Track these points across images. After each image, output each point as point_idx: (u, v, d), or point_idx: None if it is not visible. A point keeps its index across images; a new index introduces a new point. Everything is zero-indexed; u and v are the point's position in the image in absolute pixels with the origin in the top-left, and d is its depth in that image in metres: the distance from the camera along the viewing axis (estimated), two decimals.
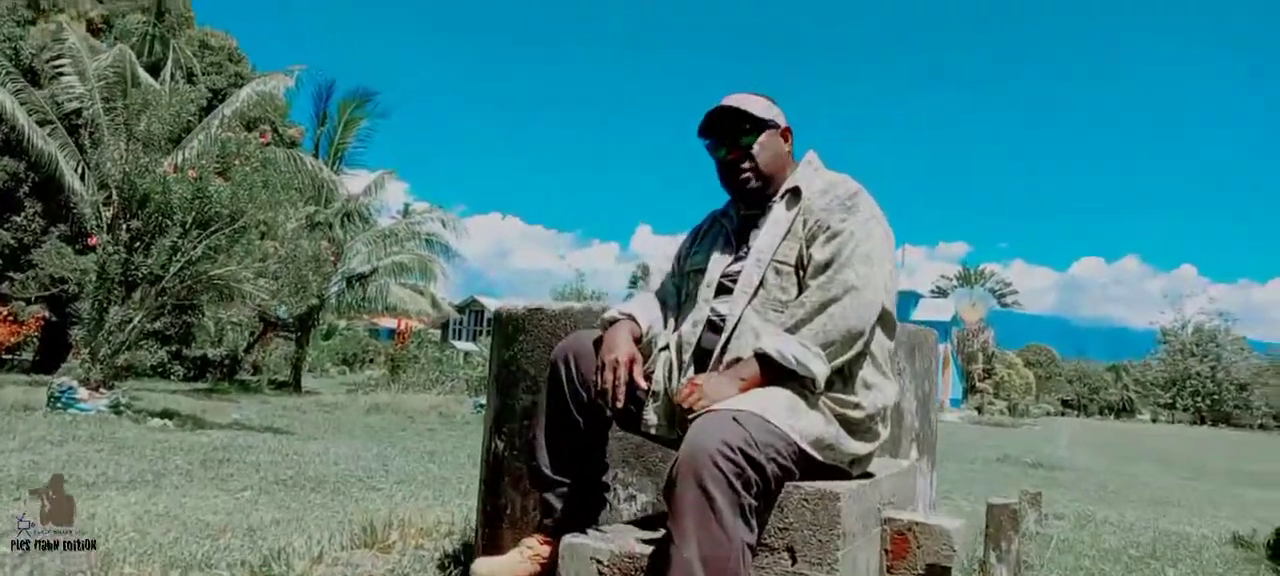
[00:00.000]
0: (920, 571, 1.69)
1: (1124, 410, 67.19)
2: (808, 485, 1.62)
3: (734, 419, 1.60)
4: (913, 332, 2.73)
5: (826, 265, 1.84)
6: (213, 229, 9.92)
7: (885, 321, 1.95)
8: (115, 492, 5.01)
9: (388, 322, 34.78)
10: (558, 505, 1.89)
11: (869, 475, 1.90)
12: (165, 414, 10.48)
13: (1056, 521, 6.82)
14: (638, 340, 1.92)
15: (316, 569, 3.01)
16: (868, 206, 1.94)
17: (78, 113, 15.06)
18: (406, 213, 30.29)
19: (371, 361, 34.89)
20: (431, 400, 16.42)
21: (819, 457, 1.73)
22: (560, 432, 1.91)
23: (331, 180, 18.96)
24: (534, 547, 1.84)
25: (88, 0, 20.37)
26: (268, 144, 11.91)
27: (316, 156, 20.58)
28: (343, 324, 35.82)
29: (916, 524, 1.72)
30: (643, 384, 1.81)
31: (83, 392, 9.62)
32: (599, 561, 1.66)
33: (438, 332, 46.07)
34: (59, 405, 9.41)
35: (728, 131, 2.02)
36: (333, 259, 16.60)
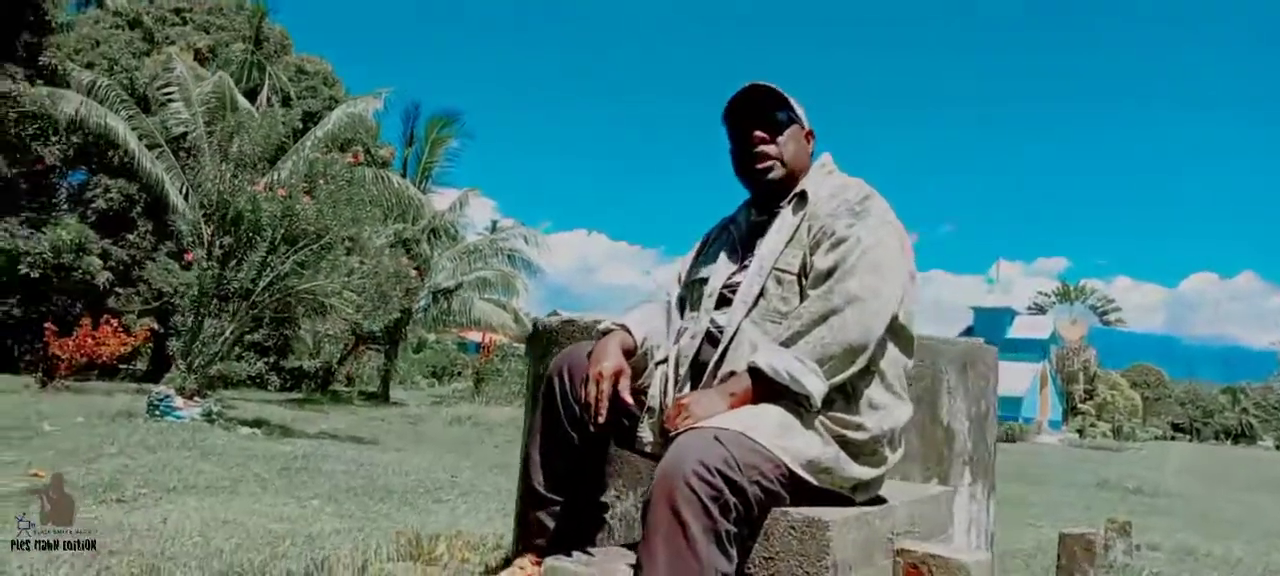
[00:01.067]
0: None
1: (1242, 435, 63.02)
2: (796, 511, 1.52)
3: (715, 437, 1.50)
4: (966, 348, 2.58)
5: (829, 273, 1.71)
6: (300, 245, 10.30)
7: (899, 337, 1.82)
8: (191, 498, 5.21)
9: (474, 337, 35.48)
10: (550, 525, 1.82)
11: (879, 500, 1.79)
12: (256, 423, 10.90)
13: (1151, 553, 6.41)
14: (631, 352, 1.82)
15: None
16: (879, 211, 1.80)
17: (184, 137, 15.94)
18: (494, 229, 30.91)
19: (459, 374, 35.64)
20: (511, 413, 16.64)
21: (813, 481, 1.61)
22: (554, 449, 1.82)
23: (418, 198, 19.50)
24: (526, 568, 1.78)
25: (196, 32, 21.54)
26: (355, 164, 12.31)
27: (404, 176, 21.21)
28: (432, 338, 36.72)
29: (931, 556, 1.60)
30: (628, 399, 1.71)
31: (179, 401, 10.08)
32: None
33: (521, 347, 46.75)
34: (157, 413, 9.88)
35: (759, 114, 1.89)
36: (416, 274, 17.03)
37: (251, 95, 17.20)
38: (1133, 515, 10.08)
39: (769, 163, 1.90)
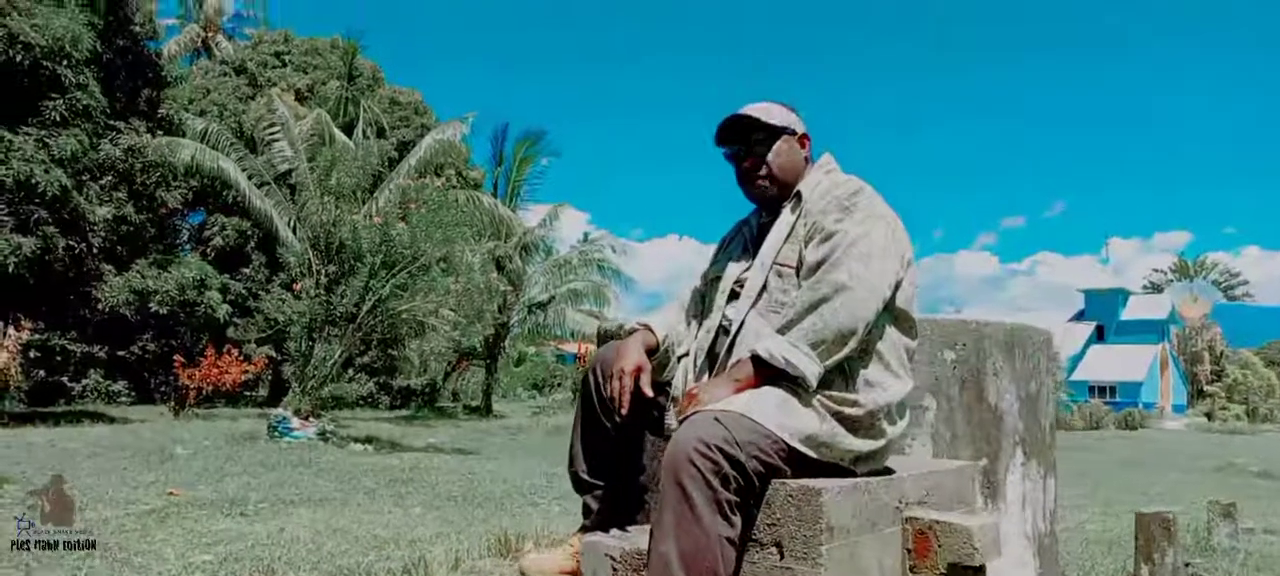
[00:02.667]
0: (943, 571, 1.67)
1: None
2: (794, 482, 1.65)
3: (716, 418, 1.66)
4: (1012, 330, 2.63)
5: (819, 265, 1.86)
6: (398, 269, 10.85)
7: (899, 320, 1.93)
8: (306, 510, 5.62)
9: (571, 348, 36.16)
10: (595, 507, 2.02)
11: (888, 471, 1.90)
12: (366, 439, 11.50)
13: (1268, 537, 6.13)
14: (654, 349, 2.00)
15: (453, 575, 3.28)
16: (867, 206, 1.93)
17: (288, 173, 16.91)
18: (585, 241, 31.51)
19: (558, 385, 36.35)
20: None
21: (812, 454, 1.74)
22: (593, 439, 2.03)
23: (508, 216, 20.11)
24: (576, 546, 1.98)
25: (295, 72, 22.78)
26: (443, 187, 12.86)
27: (495, 195, 21.90)
28: (531, 351, 37.61)
29: (937, 522, 1.69)
30: (648, 392, 1.89)
31: (295, 422, 10.74)
32: (612, 558, 1.78)
33: None
34: (276, 434, 10.56)
35: (742, 139, 2.07)
36: (510, 289, 17.56)
37: (348, 129, 18.12)
38: (1258, 499, 9.58)
39: (760, 182, 2.08)
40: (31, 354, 20.00)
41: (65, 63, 12.16)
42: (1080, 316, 55.76)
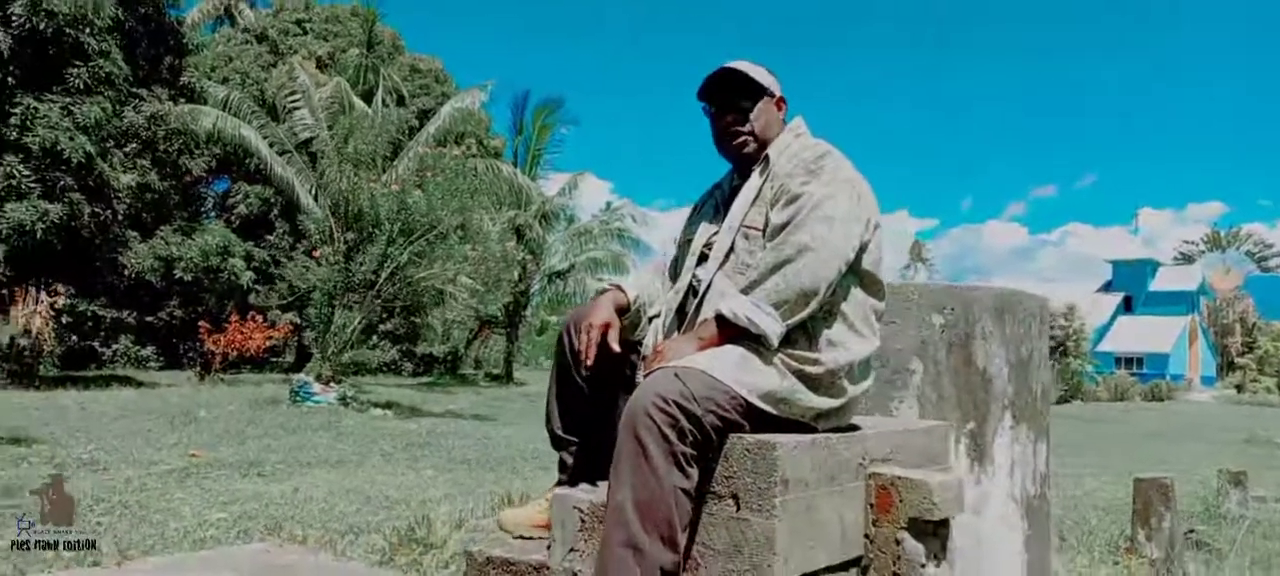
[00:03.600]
0: (903, 525, 1.70)
1: None
2: (750, 437, 1.68)
3: (675, 374, 1.70)
4: (1001, 294, 2.63)
5: (783, 227, 1.87)
6: (415, 236, 10.95)
7: (865, 281, 1.95)
8: (323, 471, 5.75)
9: None
10: (570, 462, 2.07)
11: (852, 427, 1.92)
12: (386, 405, 11.68)
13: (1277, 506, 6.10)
14: (625, 309, 2.02)
15: (455, 534, 3.36)
16: (833, 169, 1.93)
17: (309, 141, 17.04)
18: (608, 210, 31.53)
19: None
20: None
21: (771, 410, 1.77)
22: (568, 396, 2.06)
23: (527, 185, 20.16)
24: (549, 500, 2.03)
25: (315, 40, 22.86)
26: (462, 156, 12.92)
27: (515, 164, 21.94)
28: (554, 319, 37.82)
29: (898, 478, 1.72)
30: (614, 347, 1.92)
31: (316, 387, 10.92)
32: (580, 510, 1.83)
33: None
34: (298, 399, 10.75)
35: (728, 95, 2.06)
36: (530, 258, 17.64)
37: (368, 97, 18.19)
38: (1275, 469, 9.50)
39: (742, 139, 2.07)
40: (64, 319, 20.49)
41: (88, 30, 12.29)
42: (1108, 287, 55.09)
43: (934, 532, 1.73)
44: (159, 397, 11.07)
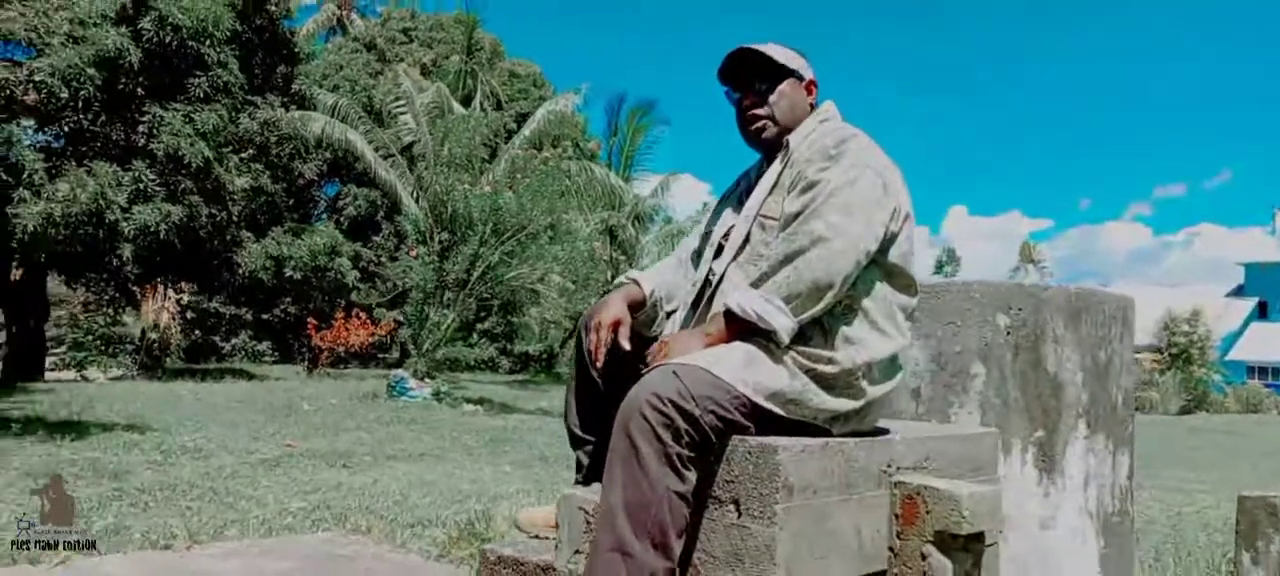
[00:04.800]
0: (929, 538, 1.58)
1: None
2: (753, 439, 1.60)
3: (674, 371, 1.62)
4: (1076, 294, 2.45)
5: (797, 216, 1.77)
6: (506, 237, 11.16)
7: (893, 275, 1.82)
8: (403, 464, 5.90)
9: None
10: (586, 461, 2.02)
11: (878, 432, 1.80)
12: (480, 401, 11.94)
13: None
14: (640, 304, 1.96)
15: (512, 530, 3.37)
16: (856, 154, 1.80)
17: (412, 145, 17.61)
18: (704, 210, 31.45)
19: None
20: None
21: (779, 411, 1.68)
22: (585, 394, 2.00)
23: (621, 186, 20.29)
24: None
25: (421, 48, 23.63)
26: (557, 158, 13.10)
27: (610, 166, 22.13)
28: None
29: (926, 488, 1.59)
30: (625, 345, 1.84)
31: (412, 383, 11.27)
32: (584, 510, 1.78)
33: None
34: (395, 393, 11.11)
35: (745, 76, 1.97)
36: (623, 258, 17.73)
37: (467, 102, 18.68)
38: None
39: (760, 122, 1.97)
40: (188, 315, 21.83)
41: (207, 42, 13.02)
42: (1240, 292, 51.45)
43: (965, 548, 1.61)
44: (267, 390, 11.64)
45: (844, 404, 1.74)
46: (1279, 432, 20.93)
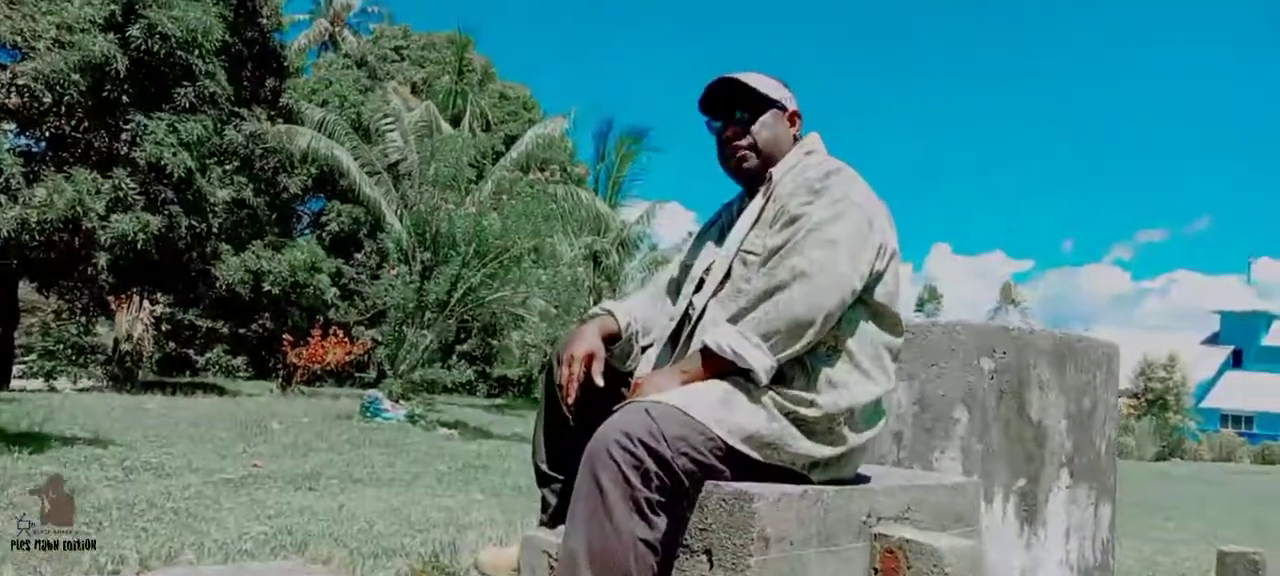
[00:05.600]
0: None
1: None
2: (728, 485, 1.52)
3: (646, 410, 1.54)
4: (1061, 340, 2.40)
5: (778, 250, 1.71)
6: (489, 259, 11.06)
7: (879, 316, 1.76)
8: (372, 489, 5.76)
9: None
10: (553, 501, 1.93)
11: (859, 479, 1.74)
12: (455, 424, 11.77)
13: None
14: (615, 336, 1.88)
15: (473, 572, 3.27)
16: (841, 188, 1.74)
17: (398, 163, 17.52)
18: (688, 238, 31.51)
19: None
20: None
21: (757, 456, 1.60)
22: (554, 430, 1.91)
23: (607, 212, 20.27)
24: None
25: (412, 66, 23.61)
26: (544, 182, 13.06)
27: (596, 192, 22.12)
28: None
29: (907, 542, 1.53)
30: (598, 381, 1.76)
31: (387, 404, 11.10)
32: (548, 554, 1.70)
33: None
34: (368, 414, 10.93)
35: (726, 106, 1.92)
36: (606, 283, 17.66)
37: (456, 121, 18.63)
38: None
39: (742, 154, 1.91)
40: (163, 327, 21.54)
41: (196, 53, 12.94)
42: (1215, 339, 51.97)
43: None
44: (238, 405, 11.42)
45: (824, 450, 1.67)
46: (1253, 482, 21.02)
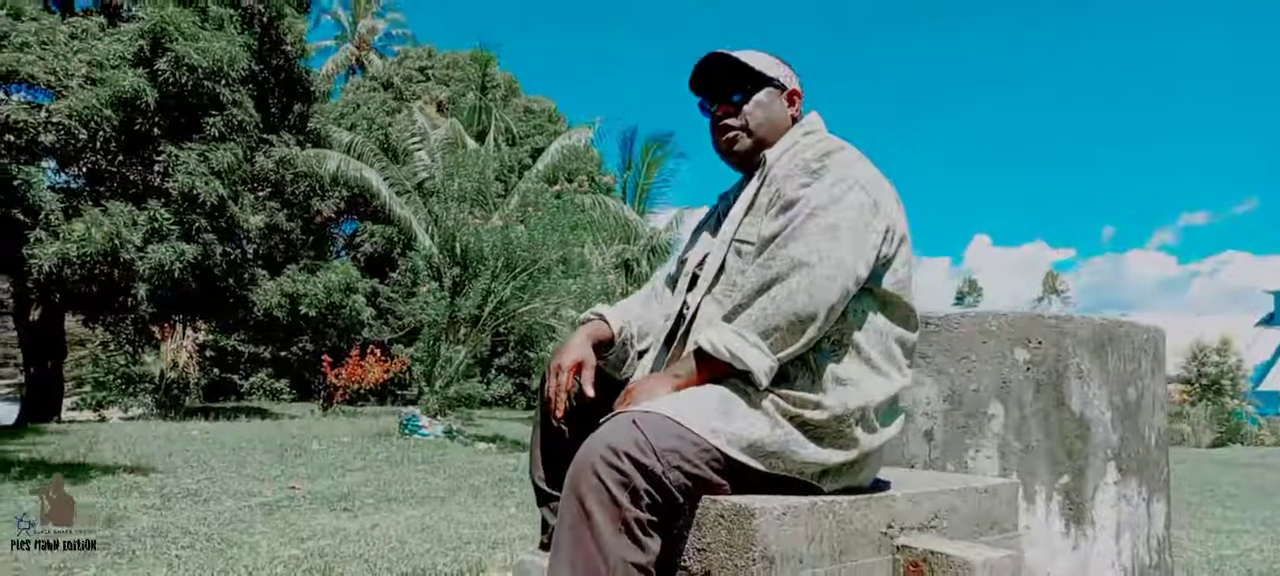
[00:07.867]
0: None
1: None
2: (726, 500, 1.39)
3: (634, 421, 1.42)
4: (1102, 326, 2.25)
5: (774, 238, 1.56)
6: (517, 271, 11.03)
7: (889, 306, 1.61)
8: (407, 507, 5.73)
9: None
10: (552, 522, 1.78)
11: (879, 486, 1.61)
12: (493, 438, 11.75)
13: None
14: (608, 342, 1.76)
15: None
16: (841, 168, 1.59)
17: (426, 181, 17.63)
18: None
19: None
20: None
21: (758, 466, 1.46)
22: (550, 446, 1.79)
23: (635, 220, 20.20)
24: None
25: (437, 85, 23.78)
26: (563, 192, 13.02)
27: (624, 199, 22.07)
28: None
29: (933, 553, 1.40)
30: (589, 392, 1.65)
31: (424, 421, 11.12)
32: None
33: None
34: (406, 431, 10.96)
35: (718, 84, 1.78)
36: (634, 290, 17.60)
37: (481, 137, 18.72)
38: None
39: (732, 134, 1.78)
40: (207, 354, 21.89)
41: (223, 82, 13.12)
42: (1270, 320, 50.40)
43: None
44: (279, 428, 11.53)
45: (834, 456, 1.53)
46: None
